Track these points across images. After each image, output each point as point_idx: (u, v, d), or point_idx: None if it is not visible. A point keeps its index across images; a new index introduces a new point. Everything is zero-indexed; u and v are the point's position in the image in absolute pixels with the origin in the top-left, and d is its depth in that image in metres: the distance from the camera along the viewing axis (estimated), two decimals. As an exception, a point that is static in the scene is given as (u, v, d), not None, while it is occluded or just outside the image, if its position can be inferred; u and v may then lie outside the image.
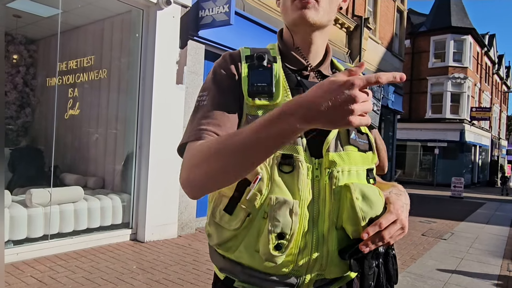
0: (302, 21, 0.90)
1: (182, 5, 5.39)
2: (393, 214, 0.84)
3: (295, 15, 0.90)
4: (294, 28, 0.95)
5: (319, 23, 0.92)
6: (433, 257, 5.38)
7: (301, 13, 0.89)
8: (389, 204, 0.87)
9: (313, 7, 0.89)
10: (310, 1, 0.89)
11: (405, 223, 0.85)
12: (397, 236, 0.85)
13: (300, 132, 0.66)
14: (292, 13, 0.91)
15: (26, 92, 6.87)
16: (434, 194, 16.34)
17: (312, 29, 0.94)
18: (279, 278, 0.86)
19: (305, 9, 0.89)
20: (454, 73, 22.12)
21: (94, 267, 3.95)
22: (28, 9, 5.80)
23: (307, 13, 0.89)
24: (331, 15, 0.94)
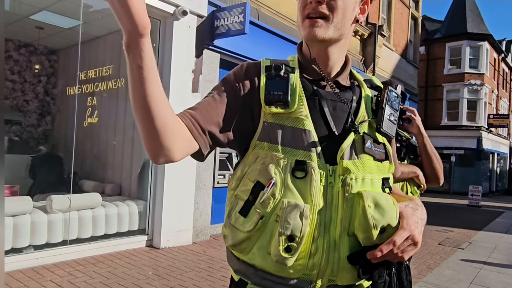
0: (311, 39, 0.94)
1: (198, 15, 5.50)
2: (406, 230, 0.85)
3: (305, 32, 0.94)
4: (308, 43, 0.99)
5: (329, 39, 0.94)
6: (450, 267, 5.29)
7: (310, 31, 0.93)
8: (403, 219, 0.88)
9: (322, 25, 0.92)
10: (318, 20, 0.92)
11: (417, 239, 0.86)
12: (409, 252, 0.86)
13: (133, 45, 0.66)
14: (303, 31, 0.95)
15: (47, 101, 7.06)
16: (451, 202, 16.03)
17: (324, 45, 0.96)
18: (290, 282, 0.88)
19: (314, 27, 0.92)
20: (471, 79, 21.79)
21: (111, 272, 4.02)
22: (51, 20, 5.99)
23: (316, 31, 0.92)
24: (344, 29, 0.96)
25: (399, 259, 0.85)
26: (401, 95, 1.05)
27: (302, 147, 0.88)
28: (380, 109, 0.98)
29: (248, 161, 0.92)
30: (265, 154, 0.89)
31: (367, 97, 1.01)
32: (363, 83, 1.05)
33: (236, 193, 0.93)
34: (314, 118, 0.92)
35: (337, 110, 0.95)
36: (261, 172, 0.88)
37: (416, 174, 1.91)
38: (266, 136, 0.91)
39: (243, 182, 0.92)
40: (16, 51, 6.71)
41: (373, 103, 1.01)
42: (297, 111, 0.91)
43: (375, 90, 1.05)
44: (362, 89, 1.03)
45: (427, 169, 1.92)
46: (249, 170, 0.91)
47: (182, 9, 5.09)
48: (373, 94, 1.03)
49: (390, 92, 1.00)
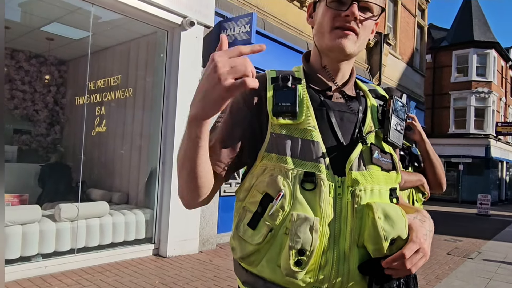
0: (340, 51, 0.93)
1: (205, 25, 5.57)
2: (415, 243, 0.85)
3: (333, 43, 0.93)
4: (327, 52, 0.98)
5: (353, 54, 0.95)
6: (459, 277, 5.22)
7: (340, 42, 0.92)
8: (412, 231, 0.88)
9: (352, 38, 0.92)
10: (350, 33, 0.92)
11: (427, 252, 0.87)
12: (419, 264, 0.86)
13: (201, 121, 0.74)
14: (330, 40, 0.93)
15: (56, 110, 7.17)
16: (460, 211, 15.84)
17: (344, 58, 0.97)
18: None
19: (345, 39, 0.92)
20: (478, 87, 21.67)
21: (118, 281, 4.03)
22: (61, 32, 6.11)
23: (346, 44, 0.92)
24: (363, 47, 0.98)
25: (409, 272, 0.85)
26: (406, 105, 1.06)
27: (311, 158, 0.88)
28: (387, 119, 0.98)
29: (256, 172, 0.92)
30: (273, 166, 0.89)
31: (372, 107, 1.02)
32: (368, 93, 1.05)
33: (244, 205, 0.93)
34: (322, 129, 0.92)
35: (344, 120, 0.96)
36: (270, 183, 0.87)
37: (422, 182, 1.91)
38: (274, 147, 0.90)
39: (251, 193, 0.91)
40: (27, 61, 6.83)
41: (379, 113, 1.01)
42: (305, 122, 0.91)
43: (380, 99, 1.06)
44: (367, 99, 1.03)
45: (431, 175, 1.92)
46: (257, 182, 0.91)
47: (190, 20, 5.17)
48: (378, 104, 1.03)
49: (395, 102, 1.00)
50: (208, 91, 0.71)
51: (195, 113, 0.74)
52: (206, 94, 0.71)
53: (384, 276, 0.86)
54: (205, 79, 0.70)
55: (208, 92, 0.71)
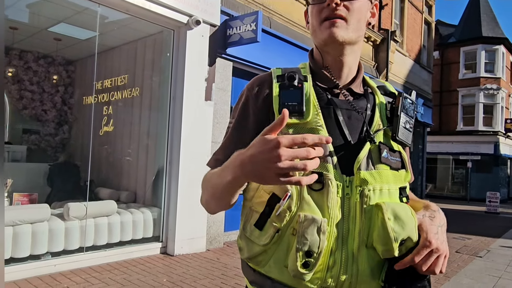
0: (332, 40, 0.92)
1: (211, 24, 5.57)
2: (426, 246, 0.84)
3: (325, 34, 0.92)
4: (325, 48, 0.97)
5: (349, 40, 0.93)
6: (468, 275, 5.18)
7: (330, 31, 0.91)
8: (422, 232, 0.87)
9: (342, 25, 0.92)
10: (338, 20, 0.91)
11: (441, 249, 0.86)
12: (441, 264, 0.86)
13: (244, 181, 0.81)
14: (322, 33, 0.93)
15: (64, 110, 7.23)
16: (468, 209, 15.70)
17: (342, 47, 0.95)
18: None
19: (334, 27, 0.91)
20: (486, 84, 21.42)
21: (126, 279, 4.06)
22: (68, 32, 6.15)
23: (336, 31, 0.91)
24: (360, 32, 0.96)
25: (431, 272, 0.85)
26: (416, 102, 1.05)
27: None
28: (395, 117, 0.96)
29: None
30: None
31: (381, 104, 1.00)
32: (376, 90, 1.03)
33: (251, 205, 0.92)
34: (330, 128, 0.91)
35: (352, 119, 0.94)
36: None
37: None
38: None
39: (258, 193, 0.91)
40: (35, 62, 6.90)
41: (388, 110, 0.99)
42: (312, 121, 0.90)
43: (389, 96, 1.03)
44: (376, 96, 1.01)
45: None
46: None
47: (195, 18, 5.18)
48: (387, 101, 1.01)
49: (404, 99, 0.98)
50: (260, 172, 0.72)
51: (239, 176, 0.78)
52: (256, 173, 0.73)
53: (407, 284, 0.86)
54: (262, 160, 0.70)
55: (259, 173, 0.72)
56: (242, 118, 0.97)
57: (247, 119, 0.97)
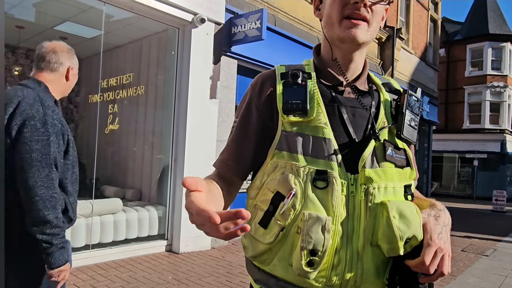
0: (351, 41, 0.91)
1: (216, 22, 5.57)
2: (431, 246, 0.84)
3: (344, 34, 0.90)
4: (338, 44, 0.95)
5: (365, 42, 0.93)
6: (475, 274, 5.15)
7: (351, 33, 0.90)
8: (426, 232, 0.86)
9: (363, 27, 0.90)
10: (361, 23, 0.90)
11: (445, 248, 0.85)
12: (446, 265, 0.85)
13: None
14: (340, 31, 0.91)
15: (70, 108, 7.27)
16: (474, 207, 15.59)
17: (357, 48, 0.95)
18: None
19: (356, 29, 0.90)
20: (493, 81, 21.22)
21: (132, 277, 4.08)
22: (74, 31, 6.18)
23: (357, 33, 0.90)
24: (375, 34, 0.96)
25: (441, 274, 0.85)
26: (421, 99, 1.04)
27: (323, 156, 0.87)
28: (401, 115, 0.96)
29: (267, 170, 0.91)
30: (284, 163, 0.88)
31: (386, 101, 0.99)
32: (381, 87, 1.03)
33: (256, 203, 0.92)
34: (334, 126, 0.90)
35: (357, 116, 0.94)
36: (281, 182, 0.86)
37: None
38: (284, 145, 0.89)
39: (262, 191, 0.91)
40: (41, 61, 6.93)
41: (393, 108, 0.98)
42: (316, 119, 0.90)
43: (394, 93, 1.03)
44: (380, 94, 1.01)
45: None
46: (268, 180, 0.90)
47: (200, 17, 5.18)
48: (392, 98, 1.00)
49: (410, 97, 0.97)
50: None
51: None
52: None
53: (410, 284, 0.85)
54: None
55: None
56: (245, 117, 0.98)
57: (250, 117, 0.97)
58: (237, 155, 0.96)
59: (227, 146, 1.00)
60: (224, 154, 0.99)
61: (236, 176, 0.98)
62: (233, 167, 0.97)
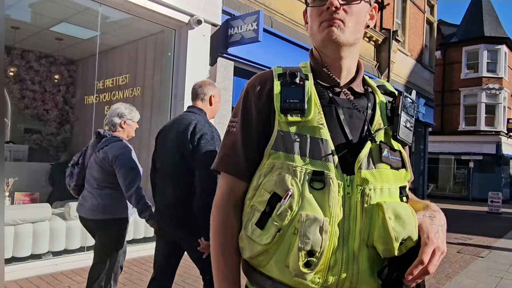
0: (329, 40, 0.93)
1: (212, 24, 5.57)
2: (429, 245, 0.84)
3: (323, 34, 0.93)
4: (323, 50, 0.97)
5: (346, 42, 0.94)
6: (470, 275, 5.16)
7: (328, 31, 0.92)
8: (423, 232, 0.86)
9: (339, 27, 0.92)
10: (336, 22, 0.91)
11: (442, 248, 0.85)
12: (436, 263, 0.85)
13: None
14: (320, 34, 0.94)
15: (66, 110, 7.25)
16: (470, 209, 15.66)
17: (339, 49, 0.96)
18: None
19: (331, 27, 0.92)
20: (489, 83, 21.36)
21: (127, 279, 4.06)
22: (70, 32, 6.17)
23: (334, 31, 0.92)
24: (357, 34, 0.97)
25: (428, 273, 0.85)
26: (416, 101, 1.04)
27: (320, 157, 0.87)
28: (396, 116, 0.96)
29: (264, 171, 0.91)
30: (281, 164, 0.88)
31: (381, 103, 1.00)
32: (376, 89, 1.03)
33: (252, 204, 0.91)
34: (331, 127, 0.91)
35: (353, 118, 0.94)
36: (278, 183, 0.86)
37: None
38: (281, 145, 0.89)
39: (259, 192, 0.90)
40: (37, 61, 6.91)
41: (388, 109, 0.99)
42: (313, 120, 0.90)
43: (389, 96, 1.04)
44: (376, 96, 1.01)
45: None
46: (264, 180, 0.90)
47: (197, 18, 5.17)
48: (387, 100, 1.02)
49: (405, 98, 0.98)
50: None
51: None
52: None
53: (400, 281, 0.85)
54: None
55: None
56: (247, 117, 0.97)
57: (251, 117, 0.96)
58: (248, 157, 0.95)
59: (234, 149, 0.97)
60: (233, 157, 0.96)
61: (246, 181, 0.96)
62: (246, 171, 0.95)
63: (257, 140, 0.94)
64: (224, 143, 1.00)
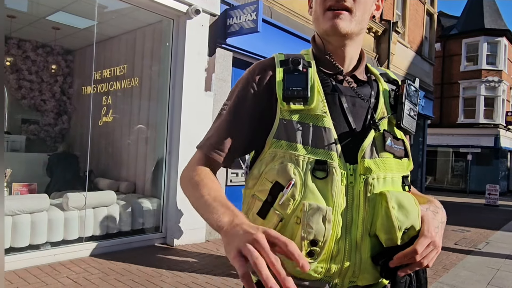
0: (334, 32, 0.90)
1: (211, 14, 5.51)
2: (427, 237, 0.83)
3: (327, 25, 0.90)
4: (326, 37, 0.95)
5: (351, 32, 0.91)
6: (467, 267, 5.20)
7: (333, 23, 0.89)
8: (424, 224, 0.86)
9: (346, 17, 0.89)
10: (343, 12, 0.89)
11: (438, 244, 0.85)
12: (432, 258, 0.85)
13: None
14: (324, 23, 0.91)
15: (63, 100, 7.20)
16: (468, 201, 15.74)
17: (344, 39, 0.93)
18: (311, 284, 0.86)
19: (337, 19, 0.89)
20: (488, 76, 21.32)
21: (125, 269, 4.07)
22: (66, 21, 6.10)
23: (339, 23, 0.89)
24: (363, 24, 0.94)
25: (422, 265, 0.84)
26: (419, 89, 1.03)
27: (323, 146, 0.85)
28: (400, 104, 0.95)
29: (265, 159, 0.89)
30: (283, 153, 0.86)
31: (385, 91, 0.99)
32: (379, 77, 1.02)
33: (253, 193, 0.90)
34: (334, 115, 0.89)
35: (356, 106, 0.93)
36: (280, 172, 0.84)
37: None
38: (283, 133, 0.88)
39: (260, 181, 0.89)
40: (34, 51, 6.84)
41: (391, 98, 0.98)
42: (316, 108, 0.88)
43: (392, 84, 1.02)
44: (379, 84, 1.00)
45: None
46: (266, 169, 0.88)
47: (195, 8, 5.11)
48: (390, 88, 1.00)
49: (409, 87, 0.97)
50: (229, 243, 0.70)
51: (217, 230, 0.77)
52: (227, 241, 0.71)
53: (396, 268, 0.84)
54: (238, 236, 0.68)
55: (228, 243, 0.70)
56: (240, 102, 0.94)
57: (245, 103, 0.93)
58: (230, 143, 0.92)
59: (217, 130, 0.94)
60: (214, 139, 0.93)
61: (222, 163, 0.93)
62: (224, 155, 0.92)
63: (249, 127, 0.92)
64: (212, 124, 0.98)
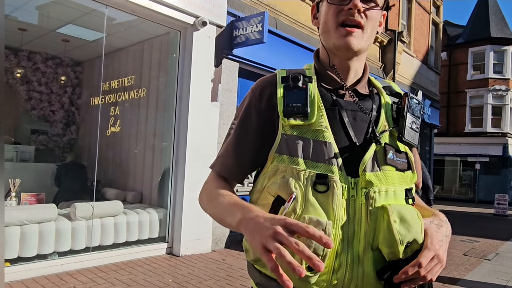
0: (346, 49, 0.92)
1: (217, 25, 5.58)
2: (431, 250, 0.83)
3: (339, 42, 0.92)
4: (335, 51, 0.96)
5: (363, 50, 0.94)
6: (476, 278, 5.11)
7: (346, 41, 0.91)
8: (427, 237, 0.86)
9: (358, 35, 0.91)
10: (356, 30, 0.91)
11: (442, 258, 0.85)
12: (435, 271, 0.84)
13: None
14: (336, 39, 0.92)
15: (72, 111, 7.29)
16: (476, 211, 15.53)
17: (353, 55, 0.95)
18: None
19: (350, 36, 0.90)
20: (495, 85, 21.19)
21: (132, 279, 4.07)
22: (76, 33, 6.21)
23: (352, 41, 0.91)
24: (371, 40, 0.96)
25: (426, 279, 0.84)
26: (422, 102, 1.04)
27: (323, 160, 0.87)
28: (402, 118, 0.96)
29: (268, 174, 0.92)
30: (285, 167, 0.88)
31: (387, 104, 0.99)
32: (382, 90, 1.03)
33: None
34: (335, 129, 0.90)
35: (358, 120, 0.94)
36: (281, 186, 0.86)
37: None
38: (285, 148, 0.89)
39: (263, 195, 0.91)
40: (44, 63, 6.96)
41: (394, 111, 0.99)
42: (316, 123, 0.90)
43: (395, 96, 1.03)
44: (381, 97, 1.01)
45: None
46: (269, 183, 0.90)
47: (202, 19, 5.19)
48: (392, 101, 1.01)
49: (411, 99, 0.98)
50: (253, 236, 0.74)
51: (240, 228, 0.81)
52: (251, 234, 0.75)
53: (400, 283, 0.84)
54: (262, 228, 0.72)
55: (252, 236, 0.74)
56: (245, 121, 0.98)
57: (250, 121, 0.97)
58: (238, 160, 0.97)
59: (227, 150, 1.00)
60: (224, 158, 0.99)
61: (236, 180, 1.01)
62: (235, 172, 0.98)
63: (254, 143, 0.95)
64: (223, 144, 1.03)
